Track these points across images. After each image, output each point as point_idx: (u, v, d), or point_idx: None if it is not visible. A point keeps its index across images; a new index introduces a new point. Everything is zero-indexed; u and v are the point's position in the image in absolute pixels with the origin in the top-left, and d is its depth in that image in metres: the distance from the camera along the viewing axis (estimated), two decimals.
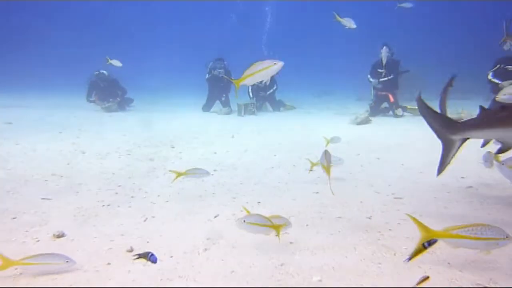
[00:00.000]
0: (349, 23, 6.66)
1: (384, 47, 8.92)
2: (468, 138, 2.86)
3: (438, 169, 3.05)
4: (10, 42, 25.89)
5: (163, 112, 11.10)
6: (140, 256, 1.64)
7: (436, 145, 3.17)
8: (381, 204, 3.34)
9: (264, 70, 2.62)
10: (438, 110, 3.21)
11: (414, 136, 7.01)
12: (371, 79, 9.87)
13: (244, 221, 2.24)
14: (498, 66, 7.88)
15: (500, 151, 2.95)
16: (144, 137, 6.95)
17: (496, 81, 7.82)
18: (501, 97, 2.97)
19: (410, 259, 1.90)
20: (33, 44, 26.35)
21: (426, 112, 3.11)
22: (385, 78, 9.63)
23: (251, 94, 11.51)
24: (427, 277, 1.79)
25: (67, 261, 2.02)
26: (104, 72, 11.01)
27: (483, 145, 3.31)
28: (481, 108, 2.84)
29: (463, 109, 8.25)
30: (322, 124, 8.84)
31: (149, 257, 1.64)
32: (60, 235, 2.56)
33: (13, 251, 2.30)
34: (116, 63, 8.20)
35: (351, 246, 2.43)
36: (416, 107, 9.77)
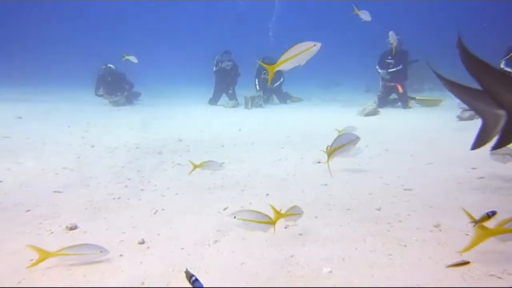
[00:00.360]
0: (366, 16, 6.63)
1: (391, 31, 8.77)
2: None
3: (473, 144, 2.82)
4: (19, 39, 26.11)
5: (170, 105, 11.13)
6: (185, 274, 1.62)
7: (445, 136, 3.14)
8: (391, 195, 3.33)
9: (303, 52, 2.37)
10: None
11: (422, 127, 6.95)
12: (379, 70, 9.76)
13: (235, 217, 2.12)
14: (510, 54, 7.70)
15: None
16: (152, 130, 6.99)
17: (508, 69, 7.66)
18: None
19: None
20: (41, 39, 26.57)
21: (461, 88, 2.72)
22: (394, 69, 9.51)
23: (257, 87, 11.47)
24: (467, 262, 1.82)
25: (101, 251, 2.10)
26: (111, 66, 11.05)
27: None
28: None
29: None
30: (329, 116, 8.80)
31: (192, 281, 1.58)
32: (72, 227, 2.60)
33: (29, 243, 2.34)
34: (133, 59, 8.18)
35: (360, 237, 2.44)
36: (425, 98, 9.74)
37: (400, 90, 9.48)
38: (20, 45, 24.51)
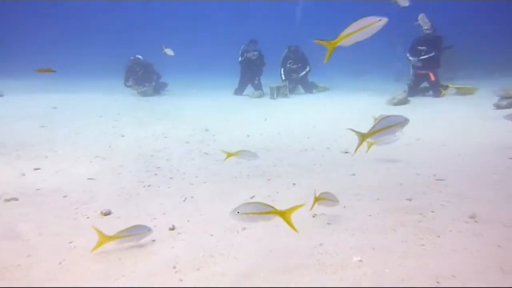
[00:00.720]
0: (403, 1, 6.41)
1: (422, 14, 8.37)
2: None
3: None
4: (54, 34, 27.16)
5: (196, 95, 11.25)
6: None
7: (481, 125, 3.01)
8: (422, 185, 3.24)
9: (367, 27, 2.18)
10: None
11: (455, 116, 6.69)
12: (410, 57, 9.41)
13: (238, 212, 1.96)
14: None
15: None
16: (179, 120, 7.10)
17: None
18: None
19: None
20: (74, 34, 27.52)
21: None
22: (426, 56, 9.13)
23: (283, 76, 11.37)
24: None
25: (148, 230, 2.23)
26: (140, 57, 11.26)
27: None
28: None
29: None
30: (356, 105, 8.62)
31: None
32: (107, 213, 2.70)
33: (68, 227, 2.46)
34: (169, 52, 8.21)
35: (390, 227, 2.39)
36: (460, 86, 9.33)
37: (432, 78, 9.11)
38: (55, 40, 25.49)
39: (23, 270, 1.91)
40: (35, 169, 3.96)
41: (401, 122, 2.52)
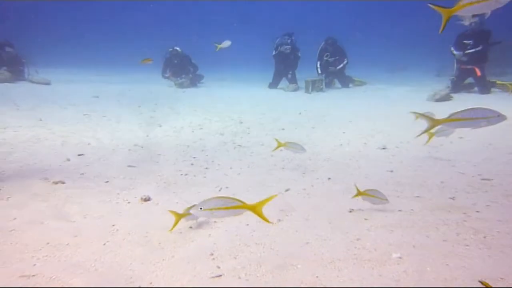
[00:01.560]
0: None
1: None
2: None
3: None
4: (97, 28, 28.42)
5: (231, 88, 11.33)
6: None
7: None
8: (466, 185, 3.09)
9: None
10: None
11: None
12: (454, 52, 8.93)
13: (201, 208, 1.81)
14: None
15: None
16: (214, 112, 7.18)
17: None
18: None
19: None
20: (116, 28, 28.66)
21: None
22: (472, 50, 8.63)
23: (319, 70, 11.19)
24: None
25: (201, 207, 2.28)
26: (178, 49, 11.47)
27: None
28: None
29: None
30: (395, 101, 8.35)
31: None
32: (146, 199, 2.79)
33: (110, 211, 2.57)
34: (226, 43, 8.05)
35: (432, 225, 2.30)
36: (507, 83, 8.78)
37: (478, 73, 8.59)
38: (98, 34, 26.63)
39: (71, 249, 2.02)
40: (79, 155, 4.15)
41: (491, 117, 2.11)
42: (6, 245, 2.02)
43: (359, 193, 2.57)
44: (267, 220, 1.88)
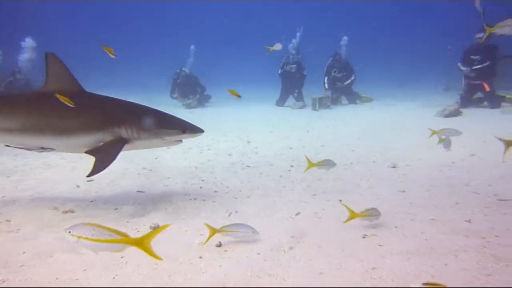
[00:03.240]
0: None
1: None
2: None
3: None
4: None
5: (238, 107, 11.39)
6: None
7: None
8: (482, 206, 3.00)
9: None
10: None
11: None
12: (462, 68, 8.90)
13: (70, 232, 1.61)
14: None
15: None
16: (221, 132, 7.20)
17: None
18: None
19: None
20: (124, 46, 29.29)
21: None
22: (479, 66, 8.59)
23: (326, 85, 11.23)
24: None
25: (253, 231, 2.44)
26: (186, 70, 11.65)
27: None
28: None
29: None
30: (404, 117, 8.30)
31: None
32: (155, 227, 2.75)
33: None
34: (277, 46, 7.87)
35: (450, 252, 2.22)
36: None
37: (487, 88, 8.54)
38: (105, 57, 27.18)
39: (80, 284, 1.98)
40: (88, 180, 4.16)
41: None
42: (15, 282, 1.99)
43: (352, 216, 2.62)
44: (155, 257, 1.66)
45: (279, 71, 11.62)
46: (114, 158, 2.80)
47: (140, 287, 1.96)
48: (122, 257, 2.25)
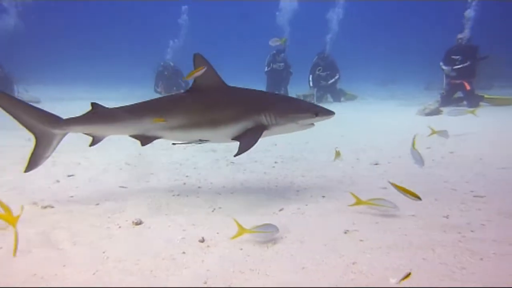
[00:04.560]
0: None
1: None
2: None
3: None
4: (81, 40, 28.37)
5: None
6: None
7: None
8: (459, 202, 3.09)
9: None
10: None
11: (492, 128, 6.41)
12: (443, 67, 9.12)
13: None
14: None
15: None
16: None
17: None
18: None
19: None
20: (104, 39, 28.66)
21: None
22: (460, 66, 8.82)
23: (311, 83, 11.32)
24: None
25: (277, 230, 2.44)
26: (170, 62, 11.51)
27: None
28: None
29: None
30: (386, 115, 8.44)
31: None
32: (138, 223, 2.72)
33: (100, 236, 2.50)
34: (274, 42, 7.63)
35: (428, 247, 2.28)
36: (496, 97, 8.94)
37: (468, 87, 8.77)
38: (92, 51, 26.64)
39: (59, 280, 1.95)
40: (69, 175, 4.08)
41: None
42: None
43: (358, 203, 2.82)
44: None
45: (266, 69, 11.65)
46: (256, 142, 3.11)
47: (120, 285, 1.94)
48: (103, 252, 2.23)
